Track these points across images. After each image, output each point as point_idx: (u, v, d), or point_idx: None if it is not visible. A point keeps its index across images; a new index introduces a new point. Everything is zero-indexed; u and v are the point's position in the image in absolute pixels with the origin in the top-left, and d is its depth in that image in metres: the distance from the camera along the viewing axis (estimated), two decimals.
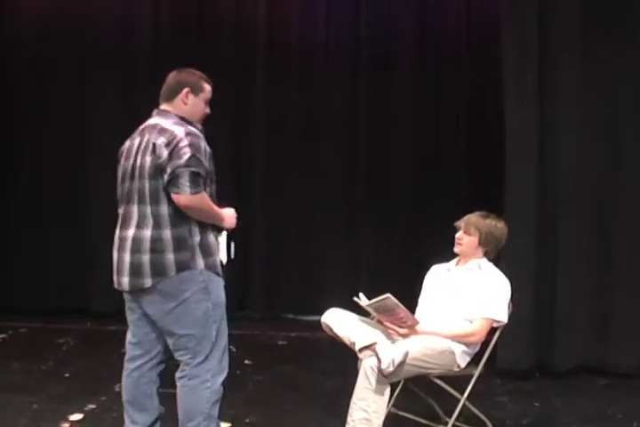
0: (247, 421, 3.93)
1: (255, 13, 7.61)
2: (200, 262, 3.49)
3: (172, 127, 3.51)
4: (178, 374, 3.57)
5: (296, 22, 7.66)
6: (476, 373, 4.19)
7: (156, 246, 3.45)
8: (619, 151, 5.71)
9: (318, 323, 4.27)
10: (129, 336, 3.77)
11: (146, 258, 3.46)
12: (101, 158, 7.60)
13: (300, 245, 7.70)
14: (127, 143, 3.68)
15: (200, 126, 3.69)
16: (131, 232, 3.52)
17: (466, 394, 4.16)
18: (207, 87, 3.75)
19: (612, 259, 5.71)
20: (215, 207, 3.57)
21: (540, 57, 5.62)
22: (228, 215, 3.66)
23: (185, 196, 3.41)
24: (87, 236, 7.59)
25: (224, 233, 3.65)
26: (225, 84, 7.50)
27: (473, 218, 4.32)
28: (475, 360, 4.23)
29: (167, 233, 3.45)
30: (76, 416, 4.62)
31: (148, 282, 3.47)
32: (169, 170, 3.41)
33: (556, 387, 5.47)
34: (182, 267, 3.46)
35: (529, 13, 5.62)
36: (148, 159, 3.48)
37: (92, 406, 4.81)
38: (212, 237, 3.57)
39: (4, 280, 7.63)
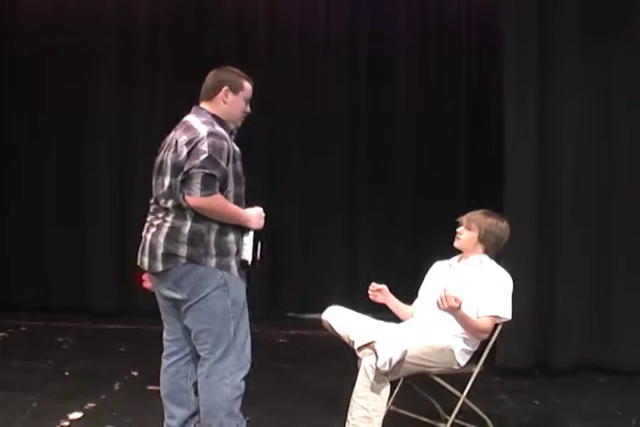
0: (247, 419, 3.93)
1: (255, 8, 7.60)
2: (211, 261, 3.51)
3: (199, 126, 3.53)
4: (198, 371, 3.61)
5: (296, 17, 7.65)
6: (476, 371, 4.19)
7: (173, 235, 3.50)
8: (618, 153, 5.71)
9: (319, 321, 4.29)
10: (165, 334, 3.82)
11: (161, 243, 3.52)
12: (101, 158, 7.63)
13: (302, 243, 7.70)
14: (167, 137, 3.70)
15: (232, 126, 3.69)
16: (157, 221, 3.59)
17: (465, 392, 4.17)
18: (247, 85, 3.71)
19: (611, 257, 5.71)
20: (234, 208, 3.55)
21: (540, 59, 5.63)
22: (254, 215, 3.63)
23: (195, 197, 3.44)
24: (87, 235, 7.60)
25: (250, 233, 3.62)
26: None
27: (475, 215, 4.32)
28: (474, 358, 4.22)
29: (187, 226, 3.50)
30: (76, 415, 4.62)
31: (159, 266, 3.53)
32: (185, 169, 3.45)
33: (556, 385, 5.48)
34: (193, 260, 3.49)
35: (529, 16, 5.62)
36: (171, 156, 3.54)
37: (92, 405, 4.82)
38: (232, 236, 3.56)
39: (4, 278, 7.63)
